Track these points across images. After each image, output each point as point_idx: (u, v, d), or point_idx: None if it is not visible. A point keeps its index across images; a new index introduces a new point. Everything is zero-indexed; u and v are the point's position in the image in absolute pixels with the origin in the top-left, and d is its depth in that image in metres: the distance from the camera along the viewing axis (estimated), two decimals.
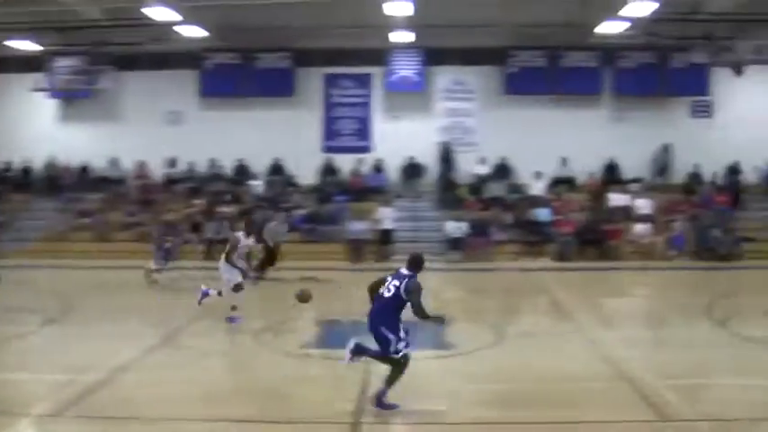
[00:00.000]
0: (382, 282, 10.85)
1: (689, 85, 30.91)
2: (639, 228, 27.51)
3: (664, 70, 30.82)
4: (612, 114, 31.32)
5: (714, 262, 26.44)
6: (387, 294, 10.62)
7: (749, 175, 30.91)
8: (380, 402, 10.61)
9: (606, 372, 12.63)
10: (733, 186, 30.34)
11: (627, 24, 26.57)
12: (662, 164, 30.99)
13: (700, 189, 30.00)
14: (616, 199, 29.04)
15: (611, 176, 30.61)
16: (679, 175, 30.94)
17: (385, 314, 10.60)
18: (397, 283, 10.62)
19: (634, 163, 30.72)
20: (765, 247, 27.30)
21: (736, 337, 15.58)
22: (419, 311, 10.50)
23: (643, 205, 28.50)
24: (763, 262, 25.95)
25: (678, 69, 30.64)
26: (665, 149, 30.87)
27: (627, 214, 28.61)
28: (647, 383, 11.87)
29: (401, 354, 10.57)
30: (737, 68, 28.71)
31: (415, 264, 10.82)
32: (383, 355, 10.71)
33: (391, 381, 10.62)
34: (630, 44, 29.85)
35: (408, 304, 10.60)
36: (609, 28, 27.10)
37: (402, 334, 10.57)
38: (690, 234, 27.65)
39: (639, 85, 30.77)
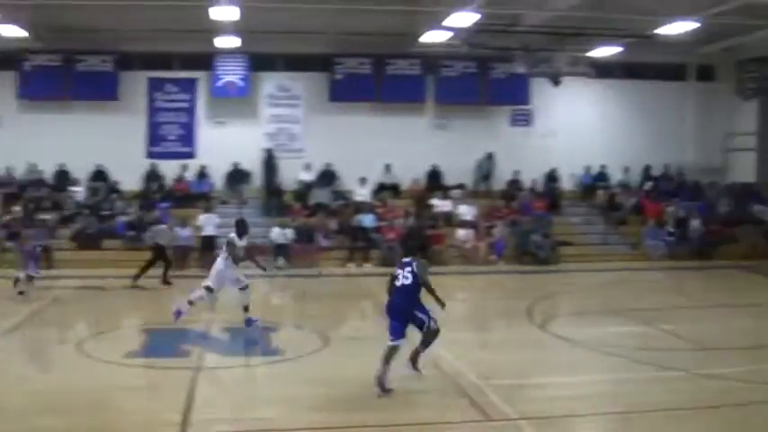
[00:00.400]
0: (394, 278, 11.98)
1: (509, 95, 31.87)
2: (462, 233, 28.10)
3: (485, 79, 31.65)
4: (436, 122, 31.92)
5: (533, 266, 27.28)
6: (407, 282, 11.77)
7: (566, 182, 32.12)
8: (415, 364, 11.88)
9: (433, 374, 12.80)
10: (551, 192, 31.48)
11: (450, 34, 27.12)
12: (485, 171, 31.76)
13: (519, 195, 30.91)
14: (439, 205, 29.62)
15: (435, 183, 31.20)
16: (500, 181, 31.82)
17: (413, 299, 11.84)
18: (409, 268, 11.86)
19: (456, 169, 31.36)
20: (582, 250, 28.46)
21: (554, 337, 16.13)
22: (427, 286, 11.80)
23: (465, 211, 29.16)
24: (579, 265, 27.05)
25: (499, 79, 31.56)
26: (489, 157, 31.66)
27: (450, 220, 29.24)
28: (472, 384, 12.13)
29: (435, 327, 11.78)
30: (555, 79, 29.71)
31: (415, 248, 12.67)
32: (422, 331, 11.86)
33: (427, 344, 11.85)
34: (453, 53, 30.49)
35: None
36: (432, 37, 27.61)
37: (429, 311, 11.84)
38: (510, 239, 28.44)
39: (462, 94, 31.49)
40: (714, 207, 31.58)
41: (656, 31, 26.69)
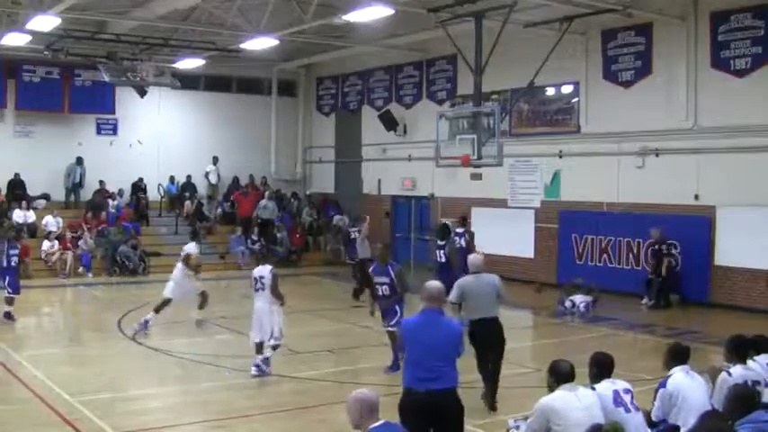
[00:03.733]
0: None
1: (94, 103, 31.34)
2: (48, 245, 27.22)
3: (69, 86, 30.88)
4: (18, 129, 30.61)
5: (123, 276, 27.04)
6: None
7: (153, 192, 32.06)
8: None
9: (20, 393, 12.40)
10: (138, 203, 31.30)
11: (30, 38, 26.01)
12: (73, 180, 30.90)
13: (107, 205, 30.43)
14: (22, 216, 28.47)
15: (17, 193, 29.84)
16: (88, 191, 31.10)
17: None
18: None
19: (41, 179, 30.36)
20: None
21: (146, 348, 16.15)
22: None
23: (51, 222, 28.27)
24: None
25: (83, 87, 30.95)
26: (78, 166, 30.80)
27: (34, 232, 28.19)
28: (63, 401, 11.87)
29: None
30: (141, 89, 29.65)
31: None
32: None
33: None
34: (36, 58, 29.39)
35: None
36: (13, 40, 26.30)
37: None
38: (98, 250, 27.98)
39: (45, 101, 30.47)
40: (298, 216, 33.10)
41: (239, 46, 27.50)
